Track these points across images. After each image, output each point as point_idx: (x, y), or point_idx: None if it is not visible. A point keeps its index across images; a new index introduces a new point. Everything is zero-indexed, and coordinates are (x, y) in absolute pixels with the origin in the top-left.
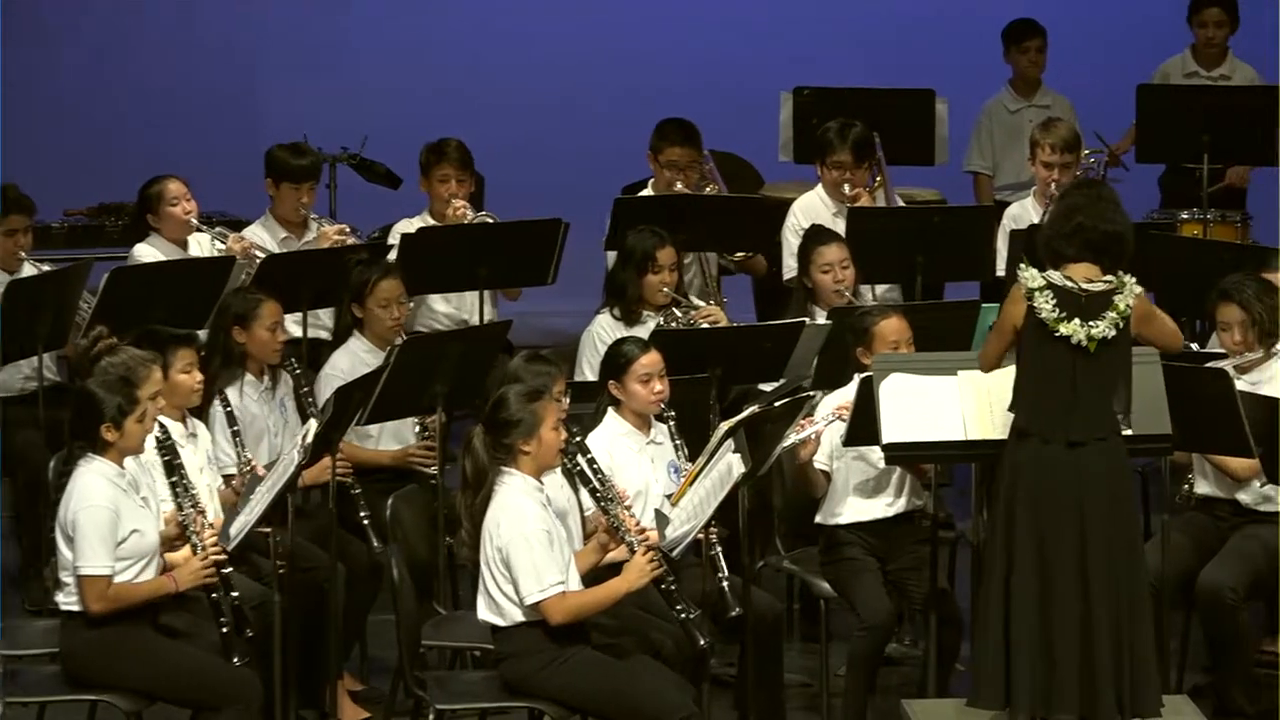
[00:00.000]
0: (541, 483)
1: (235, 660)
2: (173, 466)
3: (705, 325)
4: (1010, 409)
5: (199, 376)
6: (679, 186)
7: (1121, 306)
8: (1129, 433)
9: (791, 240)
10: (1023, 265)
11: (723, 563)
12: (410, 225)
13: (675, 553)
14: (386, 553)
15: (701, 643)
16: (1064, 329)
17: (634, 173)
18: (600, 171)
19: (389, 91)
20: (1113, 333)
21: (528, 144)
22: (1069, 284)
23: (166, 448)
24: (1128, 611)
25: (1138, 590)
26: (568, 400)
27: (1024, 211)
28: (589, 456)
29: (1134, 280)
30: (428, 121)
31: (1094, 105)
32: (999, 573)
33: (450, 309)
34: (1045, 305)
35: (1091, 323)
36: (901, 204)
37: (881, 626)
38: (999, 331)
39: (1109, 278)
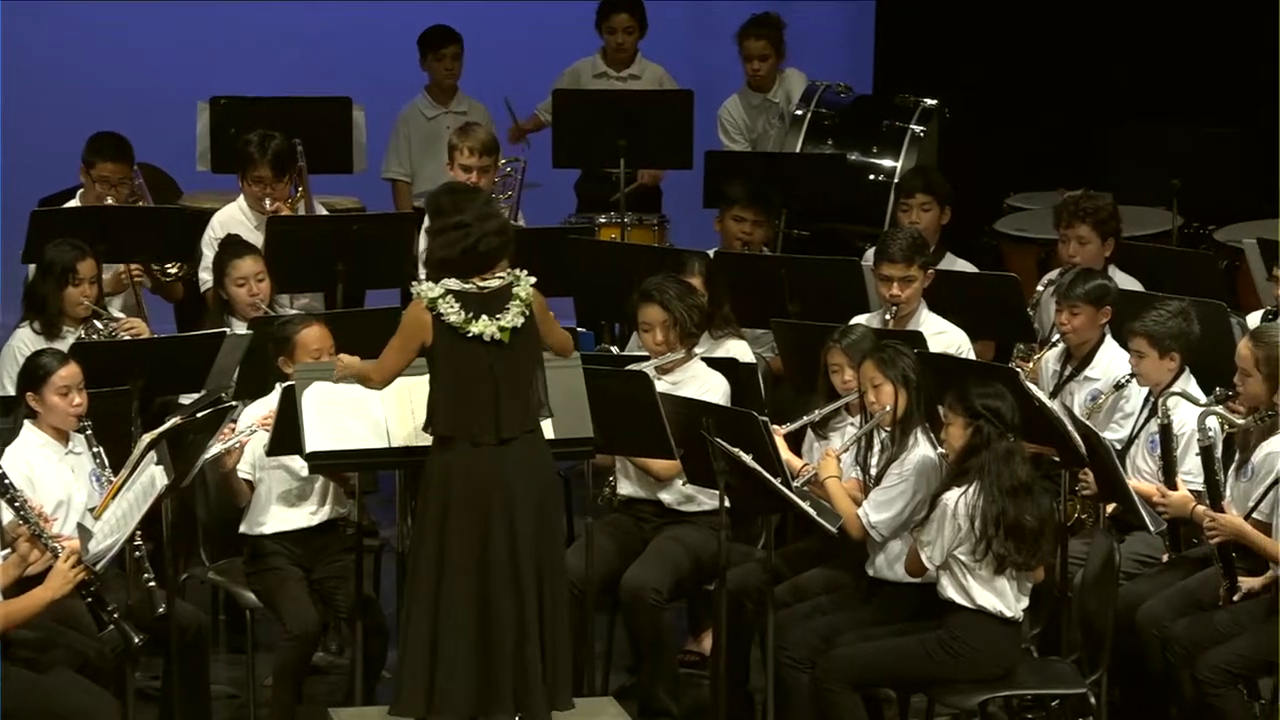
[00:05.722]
0: None
1: None
2: None
3: (127, 337)
4: (427, 424)
5: None
6: (109, 201)
7: (523, 295)
8: (551, 436)
9: (207, 253)
10: (416, 282)
11: (148, 564)
12: None
13: (99, 566)
14: None
15: (136, 640)
16: (475, 328)
17: (54, 184)
18: (19, 183)
19: None
20: (521, 320)
21: None
22: (468, 287)
23: None
24: (551, 606)
25: (560, 586)
26: None
27: None
28: (1, 472)
29: (526, 272)
30: None
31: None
32: (429, 579)
33: None
34: (451, 310)
35: (498, 315)
36: (324, 212)
37: (307, 636)
38: (403, 348)
39: (501, 274)
